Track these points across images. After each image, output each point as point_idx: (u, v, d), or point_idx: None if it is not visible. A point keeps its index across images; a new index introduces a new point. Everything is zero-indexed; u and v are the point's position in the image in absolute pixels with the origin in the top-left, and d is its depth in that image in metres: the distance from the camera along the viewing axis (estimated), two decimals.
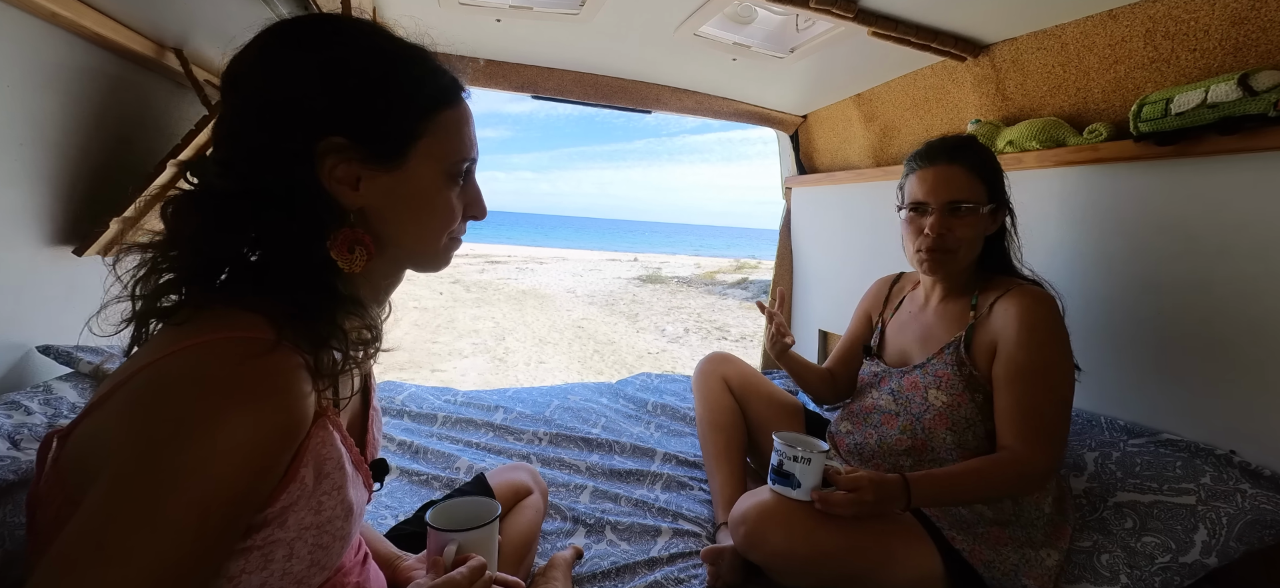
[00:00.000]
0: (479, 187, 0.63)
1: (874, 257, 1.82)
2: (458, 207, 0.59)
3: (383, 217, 0.55)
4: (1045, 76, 1.26)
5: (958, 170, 1.02)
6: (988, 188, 1.02)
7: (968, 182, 1.01)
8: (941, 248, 1.03)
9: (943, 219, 1.02)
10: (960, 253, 1.03)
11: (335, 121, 0.50)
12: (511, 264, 14.66)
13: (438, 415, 1.56)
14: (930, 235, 1.02)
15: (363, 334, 0.54)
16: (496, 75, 1.62)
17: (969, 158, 1.03)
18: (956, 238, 1.02)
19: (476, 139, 0.61)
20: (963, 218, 1.02)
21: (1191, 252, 1.04)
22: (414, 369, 5.26)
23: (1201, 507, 0.98)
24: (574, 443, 1.50)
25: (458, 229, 0.61)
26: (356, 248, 0.52)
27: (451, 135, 0.56)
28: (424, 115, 0.54)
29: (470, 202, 0.61)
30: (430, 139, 0.55)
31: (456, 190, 0.59)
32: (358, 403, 0.68)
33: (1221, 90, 0.88)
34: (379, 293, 0.61)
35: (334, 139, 0.50)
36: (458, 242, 0.62)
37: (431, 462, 1.34)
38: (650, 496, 1.29)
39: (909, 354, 1.15)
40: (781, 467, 0.96)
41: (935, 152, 1.06)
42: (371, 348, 0.55)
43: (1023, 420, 0.96)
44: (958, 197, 1.02)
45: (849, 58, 1.53)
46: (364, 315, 0.54)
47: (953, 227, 1.02)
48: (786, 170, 2.28)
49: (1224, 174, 0.96)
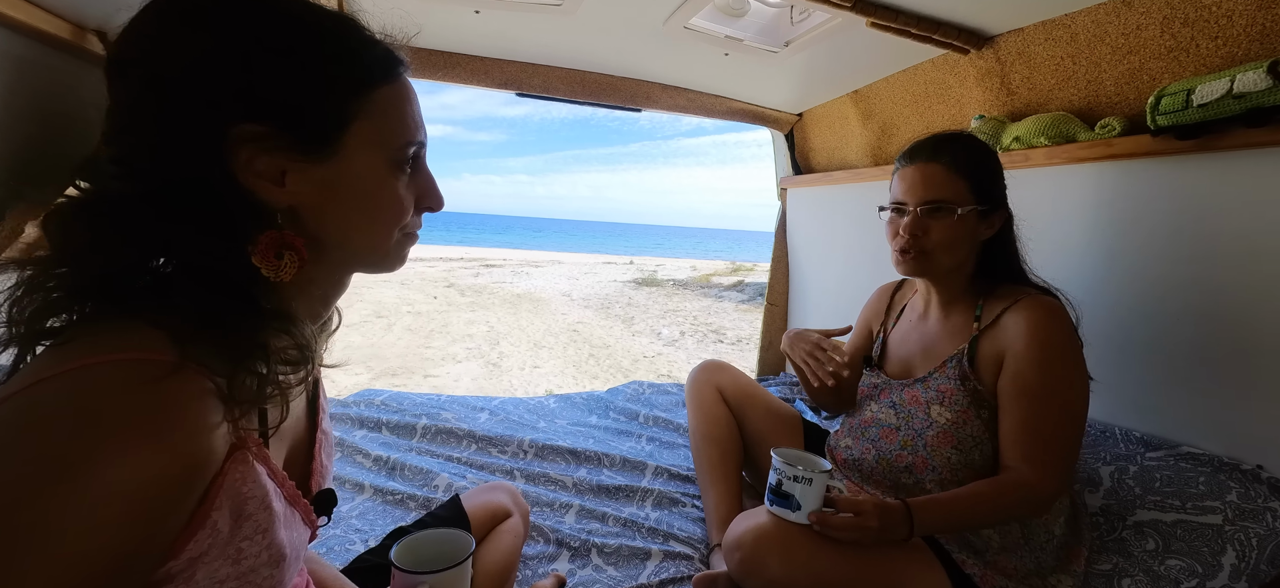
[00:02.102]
0: (431, 174, 0.56)
1: (872, 260, 1.76)
2: (407, 198, 0.52)
3: (319, 215, 0.48)
4: (1053, 69, 1.20)
5: (937, 169, 0.95)
6: (972, 187, 0.94)
7: (947, 180, 0.94)
8: (916, 249, 0.96)
9: (917, 220, 0.96)
10: (938, 256, 0.96)
11: (249, 105, 0.43)
12: (507, 268, 14.58)
13: (417, 427, 1.49)
14: (903, 236, 0.96)
15: (290, 353, 0.47)
16: (478, 71, 1.54)
17: (950, 155, 0.95)
18: (932, 240, 0.95)
19: (423, 121, 0.53)
20: (939, 219, 0.94)
21: (1213, 252, 0.97)
22: (407, 375, 5.19)
23: (1229, 527, 0.91)
24: (561, 457, 1.42)
25: (411, 223, 0.53)
26: (285, 253, 0.45)
27: (391, 116, 0.49)
28: (356, 94, 0.47)
29: (422, 191, 0.54)
30: (366, 122, 0.47)
31: (404, 179, 0.51)
32: (302, 426, 0.60)
33: (1249, 79, 0.82)
34: (318, 303, 0.53)
35: (249, 126, 0.42)
36: (413, 237, 0.55)
37: (408, 479, 1.26)
38: (640, 514, 1.21)
39: (911, 366, 1.08)
40: (780, 487, 0.89)
41: (917, 149, 0.99)
42: (302, 369, 0.48)
43: (1029, 442, 0.88)
44: (934, 196, 0.94)
45: (846, 52, 1.47)
46: (293, 331, 0.47)
47: (928, 228, 0.95)
48: (782, 171, 2.21)
49: (1251, 169, 0.90)
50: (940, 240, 0.95)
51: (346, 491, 1.19)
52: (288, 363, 0.47)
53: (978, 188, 0.95)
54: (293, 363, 0.47)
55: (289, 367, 0.47)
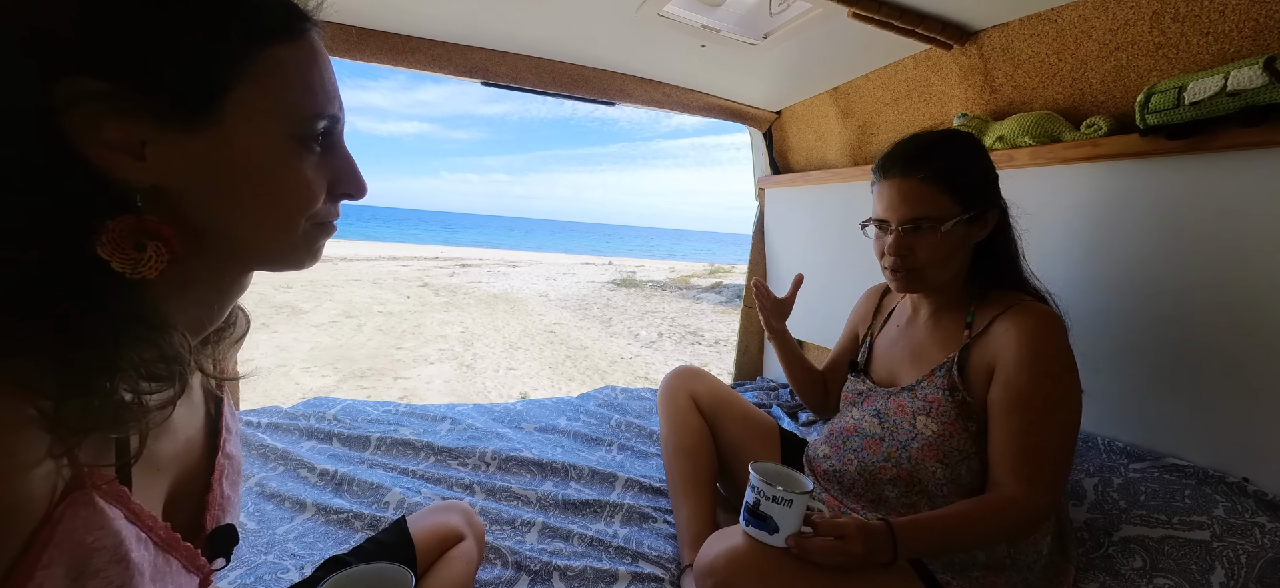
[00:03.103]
0: (350, 156, 0.47)
1: (852, 262, 1.71)
2: (317, 181, 0.43)
3: (196, 198, 0.39)
4: (1038, 66, 1.16)
5: (914, 184, 0.88)
6: (957, 197, 0.87)
7: (927, 196, 0.87)
8: (906, 268, 0.91)
9: (901, 239, 0.90)
10: (929, 272, 0.90)
11: (91, 56, 0.34)
12: (483, 268, 14.33)
13: (370, 439, 1.38)
14: (890, 255, 0.91)
15: (154, 368, 0.38)
16: (440, 57, 1.45)
17: (928, 167, 0.88)
18: (919, 258, 0.89)
19: (338, 92, 0.45)
20: (923, 236, 0.88)
21: (1201, 257, 0.94)
22: (376, 377, 5.01)
23: (1217, 543, 0.88)
24: (526, 469, 1.34)
25: (322, 212, 0.45)
26: (149, 244, 0.36)
27: (290, 82, 0.40)
28: (240, 51, 0.38)
29: (338, 174, 0.45)
30: (254, 86, 0.39)
31: (312, 159, 0.43)
32: (197, 452, 0.51)
33: (1245, 75, 0.78)
34: (203, 306, 0.44)
35: (89, 82, 0.34)
36: (327, 228, 0.46)
37: (356, 495, 1.16)
38: (608, 531, 1.13)
39: (898, 373, 1.02)
40: (758, 507, 0.82)
41: (890, 162, 0.92)
42: (170, 386, 0.39)
43: (1020, 458, 0.83)
44: (915, 214, 0.88)
45: (826, 46, 1.42)
46: (158, 340, 0.38)
47: (913, 246, 0.89)
48: (759, 170, 2.16)
49: (1244, 171, 0.86)
50: (928, 258, 0.89)
51: (286, 509, 1.08)
52: (151, 379, 0.38)
53: (962, 195, 0.88)
54: (157, 379, 0.38)
55: (153, 384, 0.38)
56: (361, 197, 0.48)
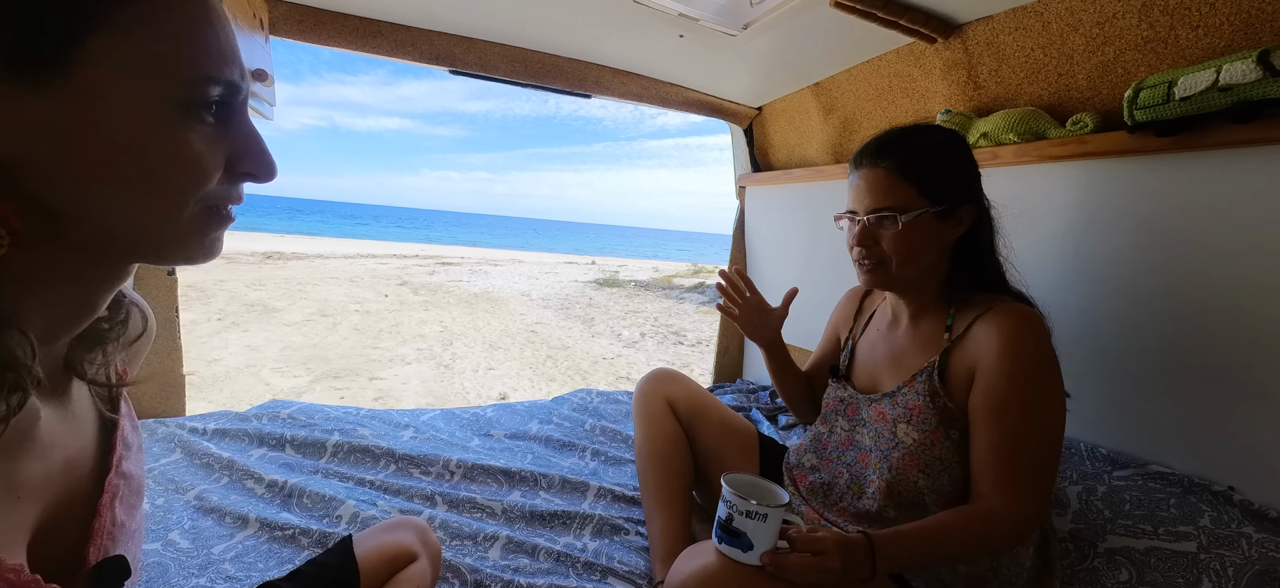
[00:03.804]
0: (254, 129, 0.40)
1: (834, 262, 1.68)
2: (210, 156, 0.36)
3: (48, 172, 0.32)
4: (1023, 61, 1.13)
5: (879, 173, 0.86)
6: (923, 189, 0.84)
7: (891, 186, 0.85)
8: (872, 260, 0.89)
9: (865, 230, 0.88)
10: (895, 266, 0.87)
11: None
12: (464, 266, 14.13)
13: (327, 445, 1.30)
14: (856, 247, 0.90)
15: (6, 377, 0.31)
16: (404, 42, 1.37)
17: (896, 156, 0.85)
18: (883, 250, 0.87)
19: (237, 56, 0.38)
20: (887, 228, 0.86)
21: (1190, 258, 0.91)
22: (350, 377, 4.87)
23: (1203, 554, 0.85)
24: (492, 478, 1.27)
25: (216, 193, 0.38)
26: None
27: (171, 36, 0.33)
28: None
29: (238, 150, 0.38)
30: (121, 37, 0.32)
31: (203, 130, 0.36)
32: (81, 474, 0.44)
33: (1237, 70, 0.75)
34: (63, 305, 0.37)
35: None
36: (223, 216, 0.39)
37: (306, 509, 1.08)
38: (577, 544, 1.07)
39: (878, 379, 0.98)
40: (731, 522, 0.76)
41: (863, 153, 0.90)
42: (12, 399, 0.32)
43: (1003, 466, 0.79)
44: (878, 204, 0.86)
45: (808, 39, 1.37)
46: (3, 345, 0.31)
47: (877, 238, 0.87)
48: (740, 168, 2.11)
49: (1236, 169, 0.83)
50: (893, 250, 0.86)
51: (225, 526, 1.00)
52: None
53: (929, 188, 0.84)
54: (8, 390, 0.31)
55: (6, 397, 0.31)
56: (268, 178, 0.41)
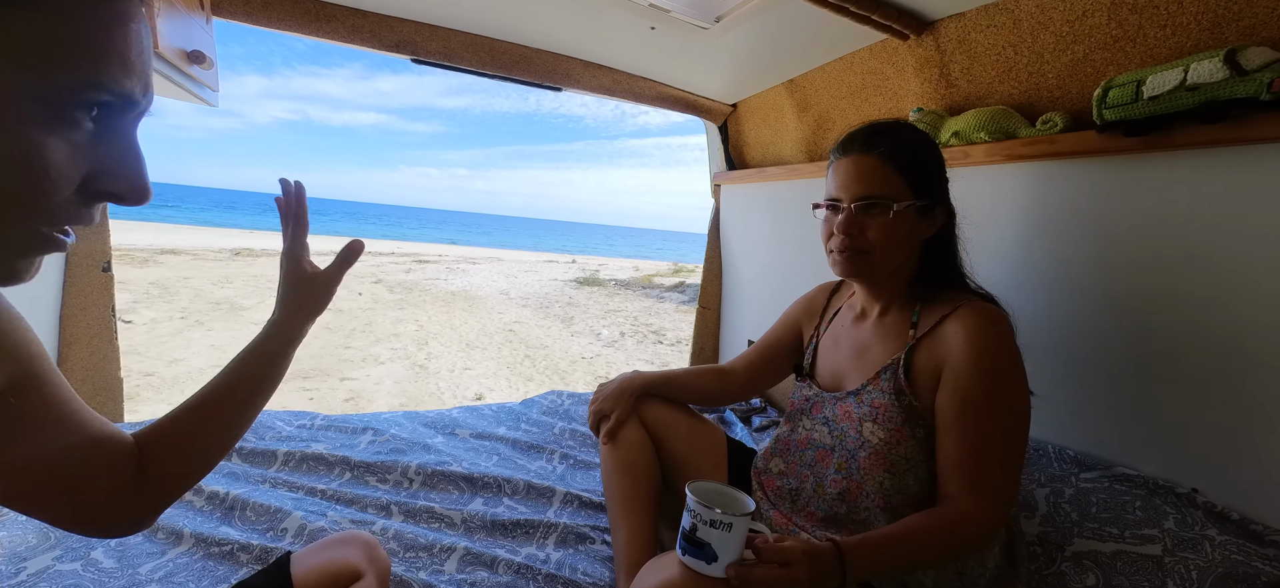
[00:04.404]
0: (137, 148, 0.35)
1: (808, 261, 1.66)
2: (61, 169, 0.31)
3: None
4: (994, 59, 1.11)
5: (870, 161, 0.85)
6: (910, 181, 0.85)
7: (883, 174, 0.85)
8: (853, 249, 0.87)
9: (851, 217, 0.86)
10: (877, 257, 0.86)
11: None
12: (442, 264, 13.90)
13: (277, 454, 1.23)
14: (838, 235, 0.87)
15: None
16: (361, 28, 1.30)
17: (886, 146, 0.86)
18: (869, 239, 0.86)
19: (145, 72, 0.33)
20: (875, 216, 0.85)
21: (1157, 259, 0.90)
22: (320, 378, 4.74)
23: (1168, 558, 0.85)
24: (453, 484, 1.22)
25: (58, 211, 0.32)
26: None
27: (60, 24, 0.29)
28: None
29: (106, 166, 0.33)
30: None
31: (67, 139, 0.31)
32: None
33: (1205, 69, 0.74)
34: None
35: None
36: (52, 240, 0.33)
37: (248, 523, 1.01)
38: (539, 555, 1.03)
39: (843, 377, 0.96)
40: (694, 533, 0.73)
41: (851, 140, 0.90)
42: None
43: (971, 467, 0.78)
44: (868, 191, 0.85)
45: (781, 34, 1.34)
46: None
47: (864, 226, 0.86)
48: (716, 166, 2.08)
49: (1204, 170, 0.83)
50: (878, 239, 0.85)
51: (157, 542, 0.93)
52: None
53: (916, 182, 0.85)
54: None
55: None
56: (137, 202, 0.35)
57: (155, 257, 9.96)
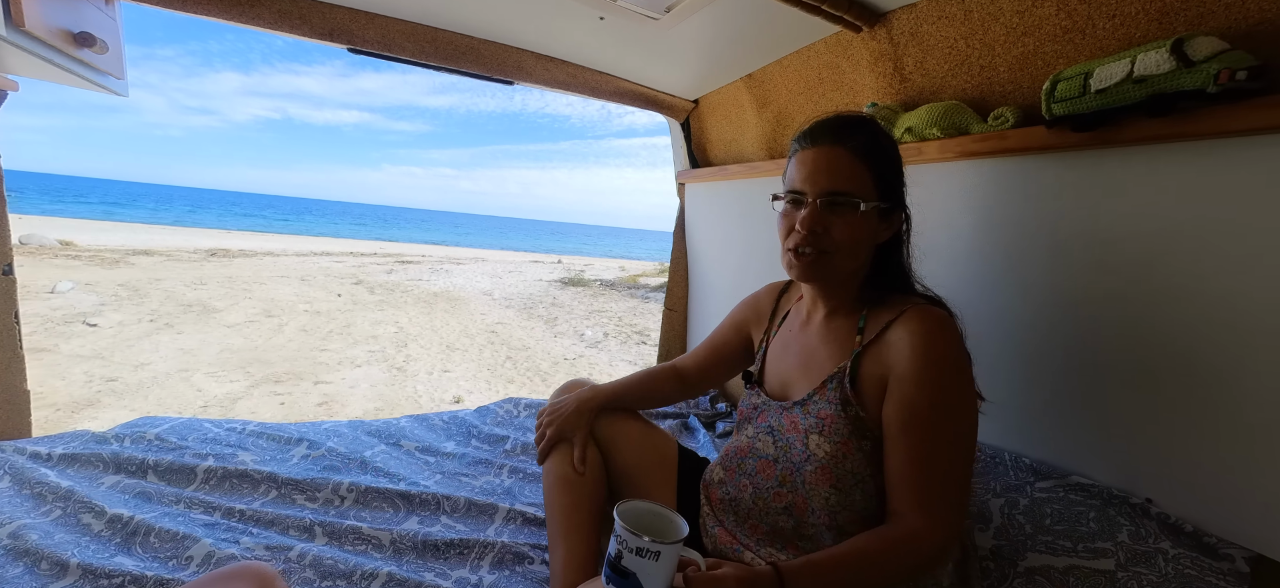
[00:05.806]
0: None
1: (772, 261, 1.61)
2: None
3: None
4: (947, 52, 1.07)
5: (842, 154, 0.80)
6: (877, 181, 0.80)
7: (852, 169, 0.79)
8: (815, 248, 0.81)
9: (817, 213, 0.80)
10: (839, 258, 0.81)
11: None
12: (425, 264, 13.71)
13: (197, 471, 1.15)
14: (801, 231, 0.80)
15: None
16: (291, 15, 1.22)
17: (857, 140, 0.80)
18: (833, 239, 0.80)
19: None
20: (842, 214, 0.80)
21: (1109, 261, 0.86)
22: (294, 381, 4.62)
23: (1121, 572, 0.81)
24: (388, 502, 1.15)
25: None
26: None
27: None
28: None
29: None
30: None
31: None
32: None
33: (1151, 60, 0.70)
34: None
35: None
36: None
37: (149, 550, 0.93)
38: (471, 579, 0.97)
39: (790, 386, 0.91)
40: (619, 560, 0.67)
41: (819, 130, 0.83)
42: None
43: (919, 481, 0.74)
44: (837, 186, 0.79)
45: (733, 25, 1.29)
46: None
47: (830, 224, 0.80)
48: (680, 164, 2.03)
49: (1154, 167, 0.79)
50: (842, 239, 0.80)
51: (38, 574, 0.85)
52: None
53: (882, 182, 0.81)
54: None
55: None
56: None
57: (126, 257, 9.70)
